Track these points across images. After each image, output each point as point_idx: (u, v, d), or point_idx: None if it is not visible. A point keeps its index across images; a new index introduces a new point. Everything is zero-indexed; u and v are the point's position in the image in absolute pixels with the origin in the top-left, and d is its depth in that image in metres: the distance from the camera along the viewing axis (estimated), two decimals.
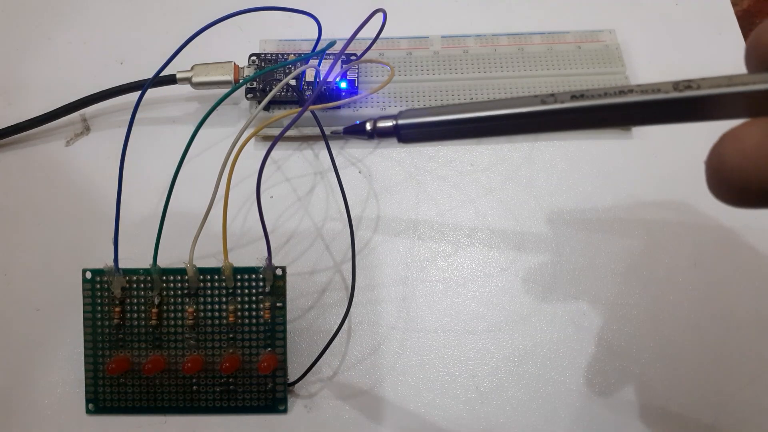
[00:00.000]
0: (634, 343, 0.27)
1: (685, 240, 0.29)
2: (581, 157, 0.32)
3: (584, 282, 0.28)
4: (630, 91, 0.15)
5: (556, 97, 0.16)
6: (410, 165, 0.32)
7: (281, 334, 0.26)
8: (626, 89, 0.15)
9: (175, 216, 0.25)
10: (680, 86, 0.15)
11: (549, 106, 0.16)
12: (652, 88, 0.15)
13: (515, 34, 0.34)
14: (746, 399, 0.26)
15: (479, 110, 0.16)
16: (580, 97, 0.16)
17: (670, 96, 0.15)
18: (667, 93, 0.15)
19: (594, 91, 0.16)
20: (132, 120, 0.25)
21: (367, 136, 0.18)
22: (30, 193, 0.32)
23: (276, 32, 0.35)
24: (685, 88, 0.15)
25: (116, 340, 0.26)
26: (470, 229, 0.30)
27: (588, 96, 0.16)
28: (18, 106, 0.34)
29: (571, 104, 0.16)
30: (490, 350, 0.27)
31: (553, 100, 0.16)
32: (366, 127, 0.18)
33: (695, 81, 0.15)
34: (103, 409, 0.26)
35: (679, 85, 0.15)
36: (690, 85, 0.15)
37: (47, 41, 0.37)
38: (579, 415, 0.26)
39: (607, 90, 0.15)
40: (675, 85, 0.15)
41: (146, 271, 0.26)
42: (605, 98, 0.15)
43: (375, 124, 0.18)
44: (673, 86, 0.15)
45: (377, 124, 0.18)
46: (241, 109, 0.34)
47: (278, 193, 0.31)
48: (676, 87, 0.15)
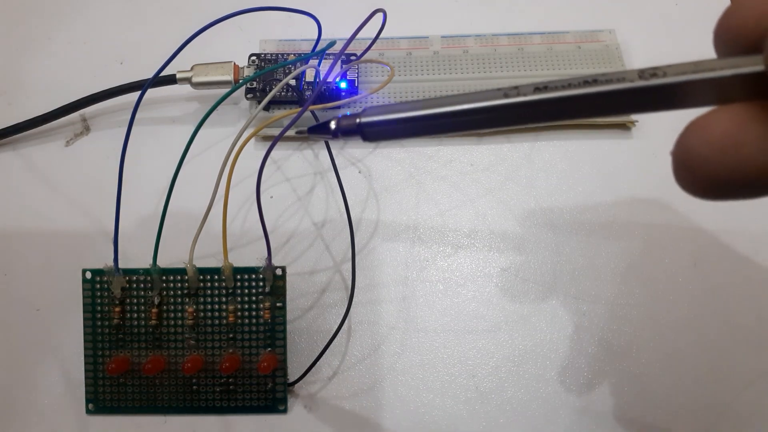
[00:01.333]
0: (634, 343, 0.27)
1: (685, 240, 0.29)
2: (581, 157, 0.32)
3: (584, 282, 0.28)
4: (594, 81, 0.15)
5: (519, 89, 0.15)
6: (410, 165, 0.32)
7: (281, 334, 0.26)
8: (591, 79, 0.15)
9: (175, 216, 0.25)
10: (646, 74, 0.14)
11: (512, 99, 0.15)
12: (617, 77, 0.15)
13: (515, 34, 0.34)
14: (746, 399, 0.26)
15: (442, 106, 0.16)
16: (543, 89, 0.15)
17: (635, 85, 0.14)
18: (633, 82, 0.14)
19: (557, 82, 0.15)
20: (132, 120, 0.25)
21: (331, 135, 0.18)
22: (30, 193, 0.32)
23: (276, 32, 0.35)
24: (651, 75, 0.14)
25: (116, 340, 0.26)
26: (470, 229, 0.30)
27: (551, 88, 0.15)
28: (18, 106, 0.34)
29: (535, 97, 0.15)
30: (490, 350, 0.27)
31: (516, 93, 0.15)
32: (330, 126, 0.18)
33: (661, 68, 0.14)
34: (103, 409, 0.26)
35: (644, 73, 0.14)
36: (656, 72, 0.14)
37: (47, 41, 0.37)
38: (579, 415, 0.26)
39: (571, 81, 0.15)
40: (640, 73, 0.14)
41: (146, 271, 0.26)
42: (569, 89, 0.15)
43: (339, 123, 0.18)
44: (638, 74, 0.14)
45: (341, 123, 0.18)
46: (241, 109, 0.34)
47: (278, 193, 0.31)
48: (642, 75, 0.14)
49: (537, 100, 0.15)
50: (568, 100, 0.15)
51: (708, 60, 0.14)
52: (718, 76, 0.14)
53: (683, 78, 0.14)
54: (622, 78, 0.14)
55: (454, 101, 0.16)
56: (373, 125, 0.17)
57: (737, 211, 0.30)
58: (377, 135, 0.17)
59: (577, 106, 0.15)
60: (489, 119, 0.16)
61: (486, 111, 0.16)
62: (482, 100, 0.16)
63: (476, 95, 0.16)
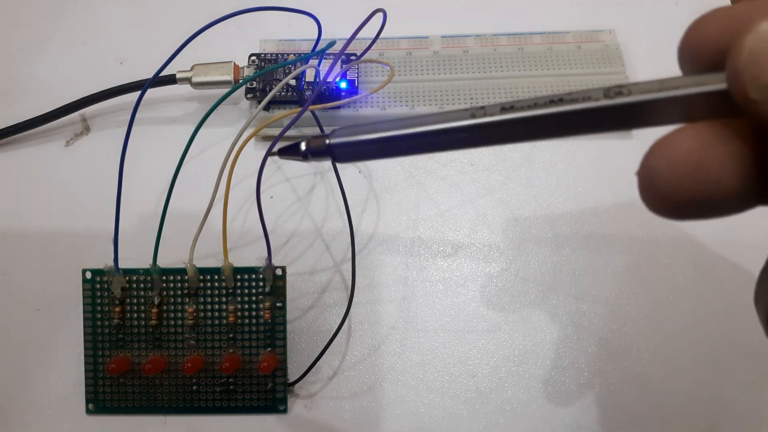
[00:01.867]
0: (634, 343, 0.27)
1: (685, 240, 0.29)
2: (581, 157, 0.32)
3: (584, 282, 0.28)
4: (560, 101, 0.15)
5: (485, 110, 0.15)
6: (410, 165, 0.32)
7: (281, 334, 0.26)
8: (557, 98, 0.15)
9: (175, 216, 0.25)
10: (611, 93, 0.14)
11: (479, 120, 0.15)
12: (583, 96, 0.14)
13: (515, 34, 0.34)
14: (746, 399, 0.26)
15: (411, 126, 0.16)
16: (510, 109, 0.15)
17: (600, 104, 0.14)
18: (598, 101, 0.14)
19: (524, 101, 0.15)
20: (132, 120, 0.25)
21: (301, 156, 0.18)
22: (30, 193, 0.32)
23: (276, 32, 0.35)
24: (616, 94, 0.14)
25: (116, 340, 0.26)
26: (470, 229, 0.30)
27: (518, 108, 0.15)
28: (18, 106, 0.34)
29: (501, 117, 0.15)
30: (490, 350, 0.27)
31: (483, 113, 0.15)
32: (300, 147, 0.18)
33: (626, 86, 0.14)
34: (103, 409, 0.26)
35: (609, 91, 0.14)
36: (621, 91, 0.14)
37: (47, 41, 0.37)
38: (579, 415, 0.26)
39: (537, 100, 0.15)
40: (606, 91, 0.14)
41: (146, 271, 0.26)
42: (535, 109, 0.15)
43: (308, 144, 0.18)
44: (603, 93, 0.14)
45: (310, 144, 0.18)
46: (241, 109, 0.34)
47: (278, 193, 0.31)
48: (607, 94, 0.14)
49: (503, 120, 0.15)
50: (534, 119, 0.15)
51: (673, 78, 0.14)
52: (683, 95, 0.14)
53: (648, 96, 0.14)
54: (587, 97, 0.14)
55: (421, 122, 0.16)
56: (344, 146, 0.17)
57: None
58: (347, 156, 0.17)
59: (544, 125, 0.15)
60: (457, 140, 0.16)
61: (454, 131, 0.16)
62: (449, 120, 0.16)
63: (443, 115, 0.16)
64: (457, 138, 0.16)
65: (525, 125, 0.15)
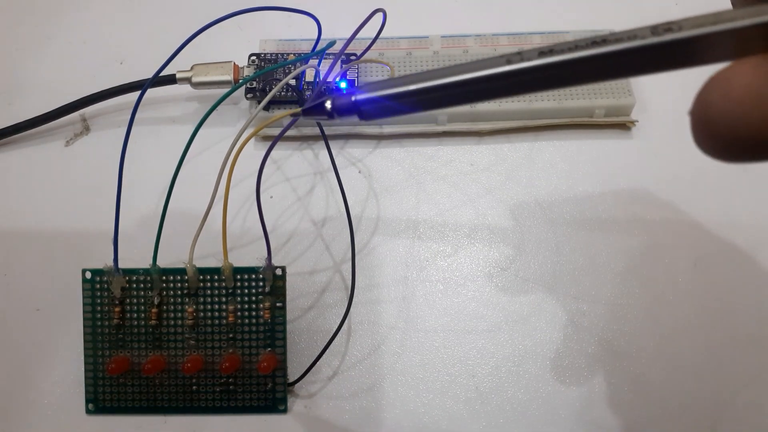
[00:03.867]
0: (634, 343, 0.27)
1: (685, 240, 0.29)
2: (581, 157, 0.32)
3: (584, 282, 0.28)
4: (603, 41, 0.14)
5: (522, 55, 0.14)
6: (410, 165, 0.32)
7: (281, 334, 0.26)
8: (599, 39, 0.14)
9: (175, 216, 0.25)
10: (659, 30, 0.13)
11: (515, 65, 0.14)
12: (629, 35, 0.14)
13: (515, 34, 0.34)
14: (746, 399, 0.26)
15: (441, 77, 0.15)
16: (548, 53, 0.14)
17: (649, 42, 0.13)
18: (645, 39, 0.13)
19: (564, 44, 0.14)
20: (132, 120, 0.25)
21: (327, 115, 0.17)
22: (30, 193, 0.32)
23: (276, 32, 0.35)
24: (665, 31, 0.13)
25: (116, 340, 0.26)
26: (470, 229, 0.30)
27: (557, 51, 0.14)
28: (18, 105, 0.34)
29: (540, 61, 0.14)
30: (490, 350, 0.27)
31: (519, 59, 0.14)
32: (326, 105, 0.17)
33: (676, 22, 0.13)
34: (103, 409, 0.26)
35: (658, 28, 0.13)
36: (671, 27, 0.13)
37: (47, 41, 0.37)
38: (579, 415, 0.26)
39: (578, 42, 0.14)
40: (653, 29, 0.13)
41: (146, 271, 0.26)
42: (576, 51, 0.14)
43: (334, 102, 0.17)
44: (651, 31, 0.13)
45: (336, 102, 0.17)
46: (240, 109, 0.34)
47: (278, 193, 0.31)
48: (655, 31, 0.13)
49: (542, 64, 0.14)
50: (575, 62, 0.14)
51: (727, 11, 0.13)
52: (739, 27, 0.13)
53: (701, 31, 0.13)
54: (633, 36, 0.14)
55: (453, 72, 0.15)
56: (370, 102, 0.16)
57: (737, 210, 0.30)
58: (375, 112, 0.16)
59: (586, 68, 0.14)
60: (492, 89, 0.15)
61: (488, 80, 0.15)
62: (484, 68, 0.15)
63: (477, 64, 0.15)
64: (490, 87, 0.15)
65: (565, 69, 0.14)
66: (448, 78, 0.15)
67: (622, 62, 0.14)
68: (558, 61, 0.14)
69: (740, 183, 0.30)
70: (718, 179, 0.31)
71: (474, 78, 0.15)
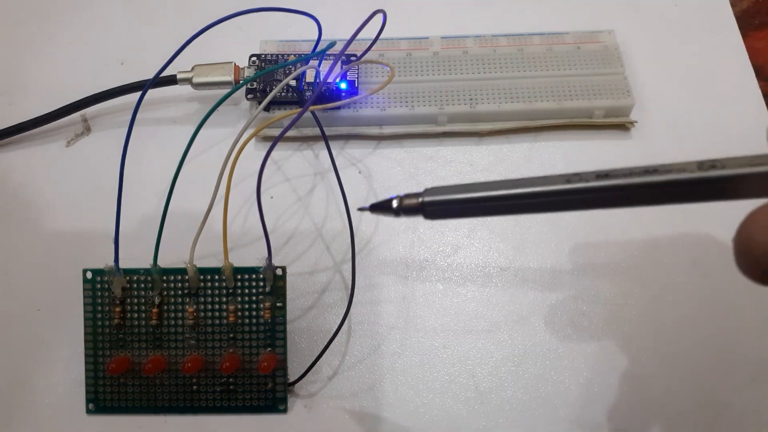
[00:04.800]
0: (634, 343, 0.27)
1: (684, 240, 0.29)
2: (581, 157, 0.32)
3: (584, 282, 0.29)
4: (655, 171, 0.15)
5: (581, 176, 0.16)
6: (410, 165, 0.32)
7: (281, 334, 0.26)
8: (651, 169, 0.16)
9: (176, 216, 0.25)
10: (705, 166, 0.15)
11: (574, 185, 0.16)
12: (677, 167, 0.15)
13: (515, 34, 0.34)
14: (746, 399, 0.26)
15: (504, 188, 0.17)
16: (604, 177, 0.16)
17: (694, 176, 0.15)
18: (692, 173, 0.15)
19: (619, 171, 0.16)
20: (133, 120, 0.25)
21: (393, 214, 0.19)
22: (30, 193, 0.32)
23: (276, 33, 0.35)
24: (710, 167, 0.15)
25: (116, 340, 0.26)
26: (470, 229, 0.30)
27: (613, 176, 0.16)
28: (19, 106, 0.34)
29: (596, 183, 0.16)
30: (490, 350, 0.27)
31: (578, 179, 0.16)
32: (392, 204, 0.19)
33: (720, 161, 0.15)
34: (103, 409, 0.26)
35: (703, 164, 0.15)
36: (714, 164, 0.15)
37: (48, 41, 0.37)
38: (579, 415, 0.26)
39: (633, 170, 0.16)
40: (699, 164, 0.15)
41: (146, 271, 0.26)
42: (629, 178, 0.16)
43: (401, 203, 0.19)
44: (697, 166, 0.15)
45: (403, 203, 0.18)
46: (241, 110, 0.34)
47: (278, 193, 0.31)
48: (701, 167, 0.15)
49: (598, 186, 0.16)
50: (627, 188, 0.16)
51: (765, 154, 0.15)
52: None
53: (742, 171, 0.15)
54: (681, 169, 0.15)
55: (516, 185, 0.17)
56: (436, 204, 0.18)
57: (736, 211, 0.30)
58: (438, 214, 0.18)
59: (637, 194, 0.16)
60: (550, 203, 0.17)
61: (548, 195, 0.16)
62: (544, 184, 0.16)
63: (538, 180, 0.16)
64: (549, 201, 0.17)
65: (618, 192, 0.16)
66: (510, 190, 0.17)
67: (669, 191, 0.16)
68: (612, 185, 0.16)
69: None
70: None
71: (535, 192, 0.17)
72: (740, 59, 0.34)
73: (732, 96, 0.33)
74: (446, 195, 0.18)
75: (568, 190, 0.16)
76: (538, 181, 0.17)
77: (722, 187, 0.15)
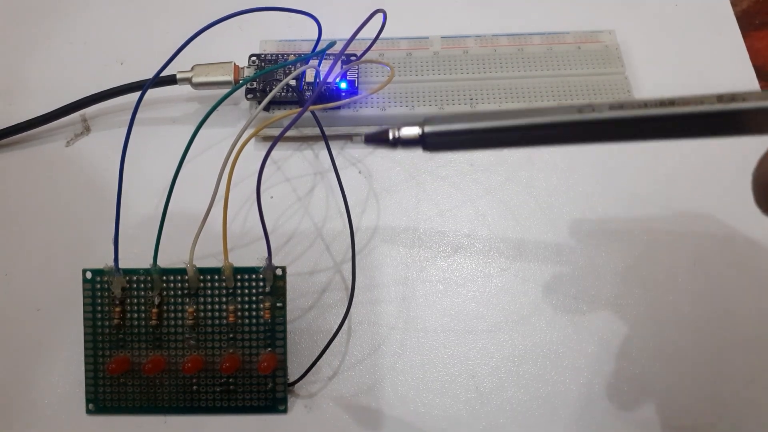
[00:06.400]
0: (634, 343, 0.27)
1: (684, 240, 0.29)
2: (581, 157, 0.32)
3: (584, 282, 0.28)
4: (671, 103, 0.15)
5: (593, 107, 0.15)
6: (410, 165, 0.32)
7: (281, 334, 0.26)
8: (667, 101, 0.15)
9: (175, 216, 0.25)
10: (725, 98, 0.15)
11: (586, 116, 0.15)
12: (695, 100, 0.15)
13: (515, 34, 0.34)
14: (746, 399, 0.26)
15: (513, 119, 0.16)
16: (618, 108, 0.15)
17: (714, 108, 0.15)
18: (712, 105, 0.15)
19: (634, 102, 0.15)
20: (132, 120, 0.25)
21: (390, 144, 0.17)
22: (30, 193, 0.32)
23: (276, 32, 0.35)
24: (730, 100, 0.15)
25: (116, 340, 0.26)
26: (470, 229, 0.30)
27: (627, 107, 0.15)
28: (18, 106, 0.34)
29: (609, 115, 0.15)
30: (490, 350, 0.27)
31: (591, 110, 0.15)
32: (388, 135, 0.17)
33: (740, 94, 0.15)
34: (103, 409, 0.26)
35: (723, 97, 0.15)
36: (734, 97, 0.15)
37: (47, 41, 0.37)
38: (579, 415, 0.26)
39: (648, 101, 0.15)
40: (719, 97, 0.15)
41: (146, 271, 0.26)
42: (645, 110, 0.15)
43: (398, 133, 0.17)
44: (717, 98, 0.15)
45: (400, 133, 0.17)
46: (241, 110, 0.34)
47: (278, 193, 0.31)
48: (721, 99, 0.15)
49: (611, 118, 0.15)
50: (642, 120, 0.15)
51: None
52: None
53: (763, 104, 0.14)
54: (700, 101, 0.15)
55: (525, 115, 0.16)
56: (437, 135, 0.16)
57: (736, 210, 0.30)
58: (438, 145, 0.17)
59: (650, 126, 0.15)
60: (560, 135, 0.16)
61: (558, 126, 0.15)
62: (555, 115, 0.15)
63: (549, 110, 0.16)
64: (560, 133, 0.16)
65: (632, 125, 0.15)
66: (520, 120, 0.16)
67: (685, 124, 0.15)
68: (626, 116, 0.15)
69: (740, 183, 0.30)
70: (718, 179, 0.31)
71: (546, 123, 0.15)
72: (740, 59, 0.34)
73: None
74: (448, 125, 0.16)
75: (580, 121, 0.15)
76: (548, 111, 0.15)
77: (741, 121, 0.15)
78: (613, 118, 0.15)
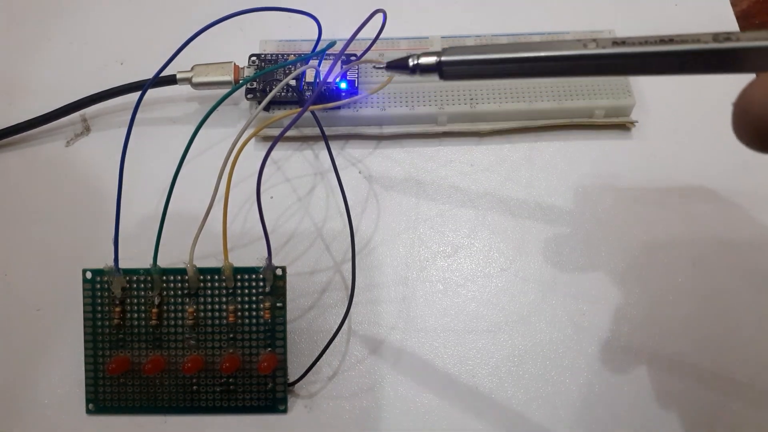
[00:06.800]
0: (634, 343, 0.27)
1: (684, 240, 0.29)
2: (581, 157, 0.32)
3: (584, 282, 0.28)
4: (670, 41, 0.16)
5: (597, 42, 0.17)
6: (410, 165, 0.32)
7: (281, 334, 0.26)
8: (666, 38, 0.16)
9: (175, 216, 0.25)
10: (720, 37, 0.16)
11: (590, 50, 0.16)
12: (692, 38, 0.16)
13: (515, 34, 0.34)
14: (746, 399, 0.26)
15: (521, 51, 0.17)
16: (621, 44, 0.16)
17: (709, 46, 0.16)
18: (707, 43, 0.16)
19: (635, 38, 0.16)
20: (132, 120, 0.25)
21: (409, 71, 0.19)
22: (30, 193, 0.32)
23: (276, 32, 0.35)
24: (725, 39, 0.16)
25: (116, 340, 0.26)
26: (470, 229, 0.30)
27: (629, 43, 0.16)
28: (18, 106, 0.34)
29: (612, 50, 0.16)
30: (490, 350, 0.27)
31: (595, 45, 0.17)
32: (408, 62, 0.19)
33: (734, 33, 0.16)
34: (103, 409, 0.26)
35: (719, 36, 0.16)
36: (729, 37, 0.16)
37: (47, 41, 0.37)
38: (579, 415, 0.26)
39: (648, 38, 0.16)
40: (715, 36, 0.16)
41: (146, 271, 0.26)
42: (645, 46, 0.16)
43: (418, 60, 0.18)
44: (713, 37, 0.16)
45: (420, 60, 0.18)
46: (241, 110, 0.34)
47: (278, 193, 0.31)
48: (716, 38, 0.16)
49: (614, 53, 0.16)
50: (642, 56, 0.16)
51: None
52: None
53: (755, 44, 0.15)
54: (696, 39, 0.16)
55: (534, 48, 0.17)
56: (454, 64, 0.18)
57: (736, 210, 0.30)
58: (454, 74, 0.18)
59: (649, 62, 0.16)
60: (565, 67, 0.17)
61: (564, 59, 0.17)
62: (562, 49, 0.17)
63: (555, 44, 0.17)
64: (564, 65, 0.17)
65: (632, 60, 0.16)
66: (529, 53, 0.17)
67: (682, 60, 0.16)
68: (628, 52, 0.16)
69: (740, 183, 0.31)
70: (718, 179, 0.31)
71: (552, 56, 0.17)
72: None
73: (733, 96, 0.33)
74: (464, 55, 0.18)
75: (584, 55, 0.17)
76: (555, 45, 0.17)
77: (735, 59, 0.16)
78: (615, 54, 0.16)
